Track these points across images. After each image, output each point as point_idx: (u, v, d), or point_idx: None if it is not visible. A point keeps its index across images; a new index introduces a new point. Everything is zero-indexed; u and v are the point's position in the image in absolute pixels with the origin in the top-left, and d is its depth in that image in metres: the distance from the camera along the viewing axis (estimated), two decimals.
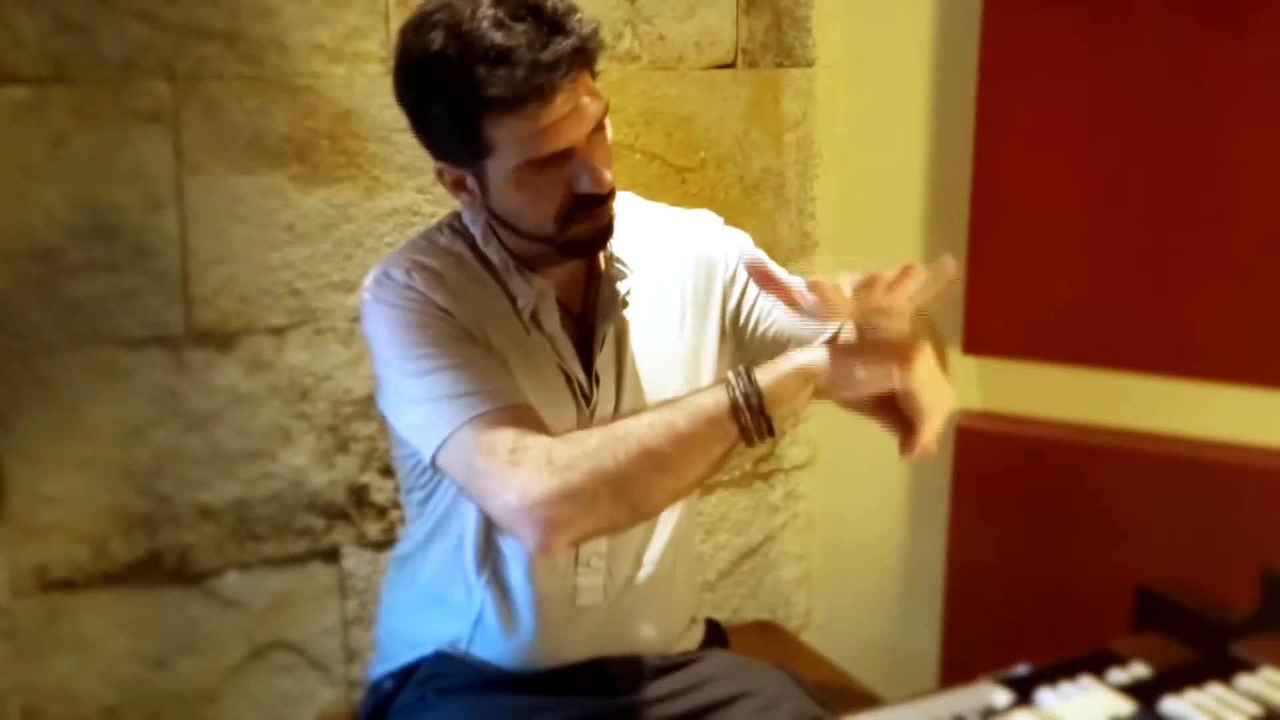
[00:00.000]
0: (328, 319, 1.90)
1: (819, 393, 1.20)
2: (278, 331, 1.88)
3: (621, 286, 1.41)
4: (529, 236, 1.35)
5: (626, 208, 1.49)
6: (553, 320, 1.39)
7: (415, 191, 1.92)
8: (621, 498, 1.21)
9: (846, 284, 1.12)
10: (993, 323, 2.09)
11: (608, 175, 1.30)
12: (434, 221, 1.48)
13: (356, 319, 1.90)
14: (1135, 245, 1.98)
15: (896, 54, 2.16)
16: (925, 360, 1.16)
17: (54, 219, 1.73)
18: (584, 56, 1.26)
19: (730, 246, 1.51)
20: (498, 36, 1.22)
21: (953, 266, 1.12)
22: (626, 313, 1.43)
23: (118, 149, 1.75)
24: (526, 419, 1.26)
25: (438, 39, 1.25)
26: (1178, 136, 1.93)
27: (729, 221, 1.94)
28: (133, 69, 1.73)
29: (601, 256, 1.42)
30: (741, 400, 1.18)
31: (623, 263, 1.42)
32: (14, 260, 1.72)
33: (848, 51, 2.20)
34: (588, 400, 1.40)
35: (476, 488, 1.27)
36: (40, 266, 1.74)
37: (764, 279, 1.16)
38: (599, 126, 1.31)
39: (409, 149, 1.90)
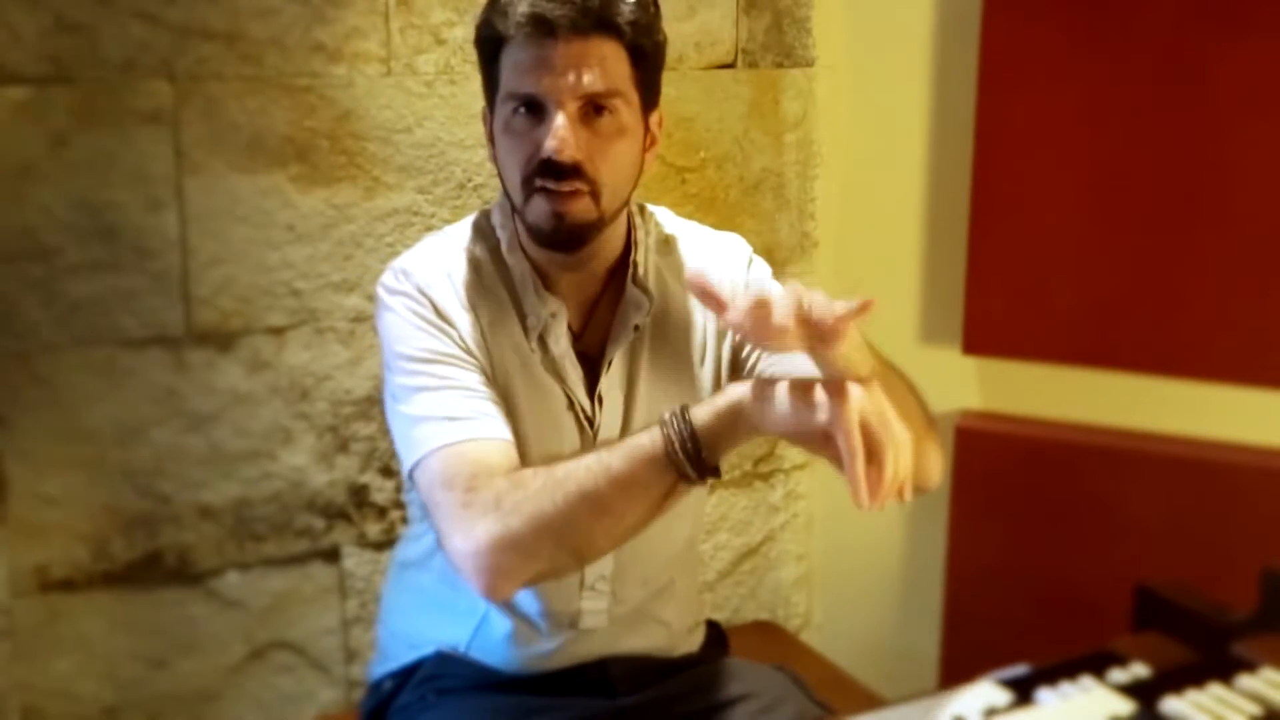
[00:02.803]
0: (328, 319, 1.90)
1: (755, 428, 1.14)
2: (278, 331, 1.88)
3: (638, 316, 1.39)
4: (513, 206, 1.35)
5: (659, 225, 1.48)
6: (561, 343, 1.37)
7: (415, 191, 1.92)
8: (562, 543, 1.21)
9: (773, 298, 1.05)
10: (993, 323, 2.09)
11: (571, 151, 1.26)
12: (463, 220, 1.46)
13: (357, 319, 1.91)
14: (1135, 245, 1.98)
15: (896, 54, 2.16)
16: (867, 399, 1.08)
17: (54, 219, 1.73)
18: (606, 26, 1.27)
19: (753, 281, 1.47)
20: None
21: (870, 304, 1.03)
22: (646, 335, 1.41)
23: (118, 149, 1.75)
24: (494, 454, 1.26)
25: None
26: (1178, 136, 1.93)
27: (729, 221, 1.93)
28: (133, 69, 1.73)
29: (627, 277, 1.40)
30: (676, 443, 1.15)
31: (646, 290, 1.40)
32: (14, 260, 1.72)
33: (848, 51, 2.20)
34: (590, 423, 1.39)
35: (433, 520, 1.28)
36: (40, 266, 1.74)
37: (703, 295, 1.12)
38: (601, 112, 1.28)
39: (409, 149, 1.90)
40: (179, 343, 1.82)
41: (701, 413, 1.16)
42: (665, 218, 1.50)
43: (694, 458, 1.15)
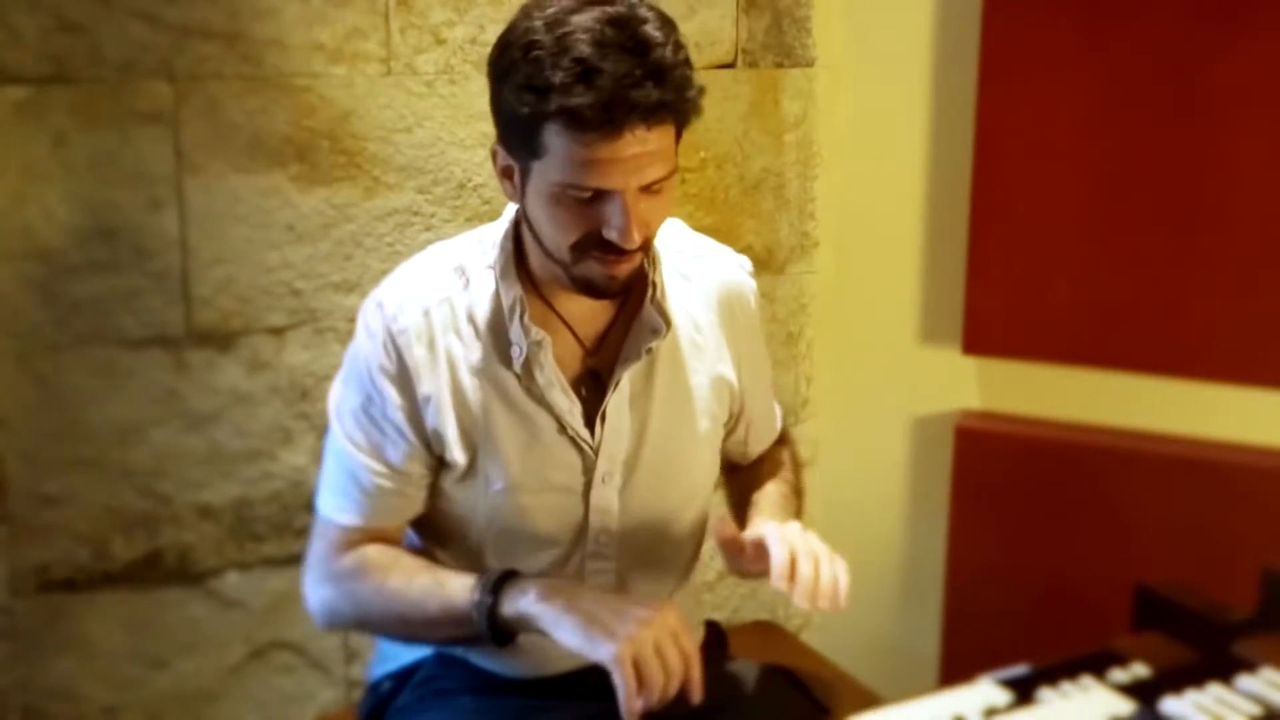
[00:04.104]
0: (328, 319, 1.90)
1: (546, 635, 1.27)
2: (278, 331, 1.88)
3: (653, 339, 1.36)
4: (547, 253, 1.31)
5: (675, 236, 1.46)
6: (547, 370, 1.34)
7: (415, 191, 1.92)
8: (381, 633, 1.48)
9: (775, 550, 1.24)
10: (993, 323, 2.09)
11: (638, 235, 1.24)
12: (462, 236, 1.43)
13: (356, 319, 1.90)
14: (1135, 245, 1.98)
15: (896, 54, 2.16)
16: (651, 630, 1.22)
17: (54, 219, 1.73)
18: (670, 113, 1.21)
19: (754, 320, 1.49)
20: (589, 51, 1.16)
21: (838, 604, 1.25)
22: (662, 357, 1.39)
23: (118, 149, 1.75)
24: (370, 538, 1.38)
25: (539, 26, 1.20)
26: (1178, 136, 1.93)
27: (729, 221, 1.93)
28: (133, 69, 1.73)
29: (645, 297, 1.37)
30: (479, 618, 1.29)
31: (663, 312, 1.36)
32: (14, 260, 1.72)
33: (848, 51, 2.20)
34: (590, 445, 1.37)
35: (304, 560, 1.43)
36: (40, 266, 1.74)
37: (730, 545, 1.30)
38: (656, 189, 1.25)
39: (409, 149, 1.90)
40: (179, 343, 1.82)
41: (507, 604, 1.28)
42: (679, 232, 1.48)
43: (491, 634, 1.30)
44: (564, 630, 1.24)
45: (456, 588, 1.31)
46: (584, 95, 1.16)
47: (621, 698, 1.19)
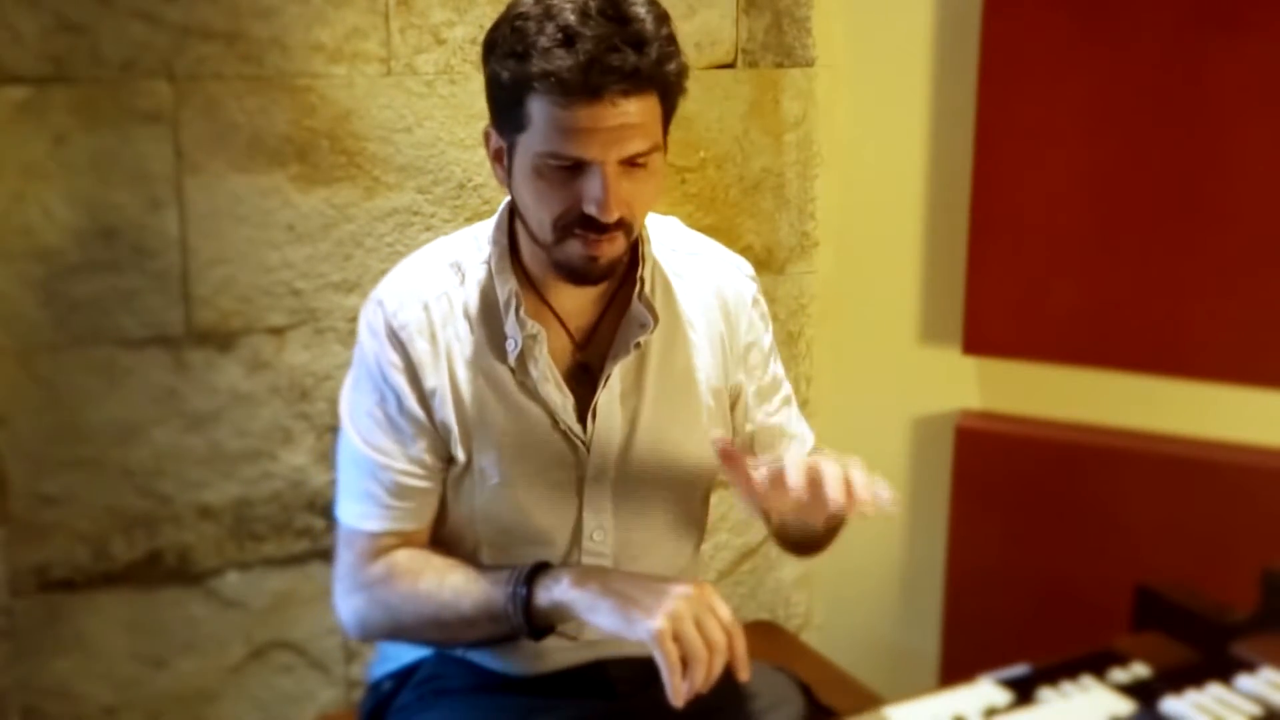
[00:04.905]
0: (328, 319, 1.90)
1: (583, 624, 1.28)
2: (278, 331, 1.88)
3: (641, 334, 1.36)
4: (533, 237, 1.33)
5: (670, 234, 1.46)
6: (541, 365, 1.35)
7: (415, 191, 1.92)
8: (415, 640, 1.43)
9: (793, 474, 1.17)
10: (993, 323, 2.09)
11: (616, 209, 1.24)
12: (457, 233, 1.44)
13: (356, 319, 1.90)
14: (1135, 245, 1.98)
15: (896, 54, 2.16)
16: (689, 605, 1.19)
17: (54, 219, 1.73)
18: (650, 83, 1.23)
19: (754, 322, 1.49)
20: (573, 19, 1.19)
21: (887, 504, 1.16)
22: (653, 351, 1.40)
23: (118, 149, 1.75)
24: (395, 542, 1.37)
25: (529, 1, 1.24)
26: (1178, 136, 1.93)
27: (729, 221, 1.93)
28: (133, 69, 1.74)
29: (634, 293, 1.37)
30: (514, 611, 1.28)
31: (651, 308, 1.37)
32: (14, 260, 1.72)
33: (848, 51, 2.20)
34: (582, 440, 1.38)
35: (333, 574, 1.43)
36: (40, 266, 1.74)
37: (730, 460, 1.22)
38: (639, 164, 1.25)
39: (409, 149, 1.90)
40: (179, 343, 1.82)
41: (541, 594, 1.27)
42: (675, 230, 1.48)
43: (528, 627, 1.29)
44: (601, 614, 1.22)
45: (489, 583, 1.31)
46: (565, 59, 1.19)
47: (666, 677, 1.16)
